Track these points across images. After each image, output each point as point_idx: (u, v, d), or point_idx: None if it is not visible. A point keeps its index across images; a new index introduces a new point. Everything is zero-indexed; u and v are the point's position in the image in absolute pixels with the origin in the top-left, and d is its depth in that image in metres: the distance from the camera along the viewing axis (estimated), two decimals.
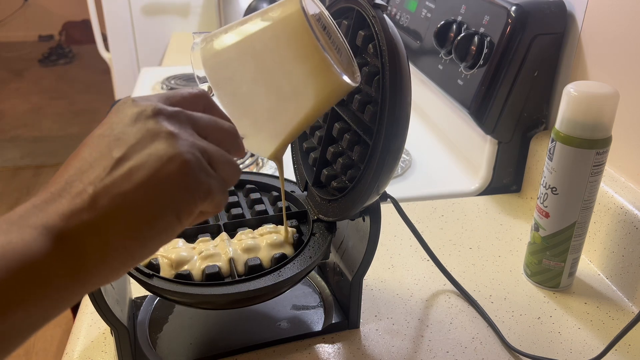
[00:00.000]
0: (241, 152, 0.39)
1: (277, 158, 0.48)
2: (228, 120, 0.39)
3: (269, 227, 0.56)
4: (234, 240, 0.54)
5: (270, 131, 0.45)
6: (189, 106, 0.37)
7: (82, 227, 0.30)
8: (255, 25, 0.42)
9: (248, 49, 0.42)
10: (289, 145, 0.64)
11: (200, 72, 0.42)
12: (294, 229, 0.56)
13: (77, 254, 0.30)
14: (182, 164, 0.32)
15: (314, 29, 0.41)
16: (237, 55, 0.42)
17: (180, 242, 0.54)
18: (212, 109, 0.39)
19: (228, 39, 0.42)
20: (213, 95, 0.41)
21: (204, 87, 0.41)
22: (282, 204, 0.56)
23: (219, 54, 0.42)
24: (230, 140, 0.37)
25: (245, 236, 0.55)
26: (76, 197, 0.30)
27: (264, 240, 0.54)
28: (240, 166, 0.94)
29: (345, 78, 0.42)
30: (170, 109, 0.34)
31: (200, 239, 0.55)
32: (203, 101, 0.38)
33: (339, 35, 0.45)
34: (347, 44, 0.46)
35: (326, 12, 0.45)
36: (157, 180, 0.31)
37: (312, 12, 0.42)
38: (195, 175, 0.33)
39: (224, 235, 0.55)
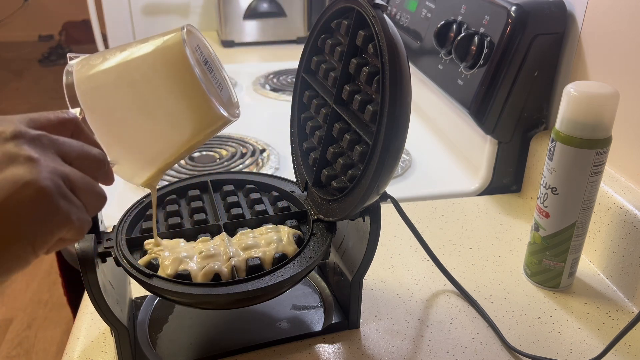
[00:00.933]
0: (109, 180, 0.38)
1: (151, 185, 0.47)
2: (97, 146, 0.38)
3: (269, 227, 0.56)
4: (234, 240, 0.54)
5: (143, 160, 0.45)
6: (54, 130, 0.35)
7: None
8: (135, 52, 0.41)
9: (125, 75, 0.41)
10: (290, 145, 0.64)
11: (72, 96, 0.41)
12: (295, 230, 0.56)
13: None
14: (38, 190, 0.30)
15: (194, 63, 0.41)
16: (113, 81, 0.41)
17: (181, 242, 0.54)
18: (80, 134, 0.37)
19: (105, 63, 0.41)
20: (83, 117, 0.40)
21: (76, 111, 0.40)
22: (154, 231, 0.54)
23: (94, 77, 0.41)
24: (97, 167, 0.36)
25: (245, 236, 0.55)
26: None
27: (264, 240, 0.54)
28: (240, 166, 0.94)
29: (224, 113, 0.42)
30: (32, 132, 0.33)
31: (200, 238, 0.54)
32: (71, 126, 0.37)
33: (220, 69, 0.45)
34: (229, 82, 0.47)
35: (209, 47, 0.45)
36: (10, 206, 0.30)
37: (193, 45, 0.42)
38: (52, 202, 0.31)
39: (223, 235, 0.55)
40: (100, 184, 0.37)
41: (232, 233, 0.56)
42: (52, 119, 0.36)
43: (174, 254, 0.52)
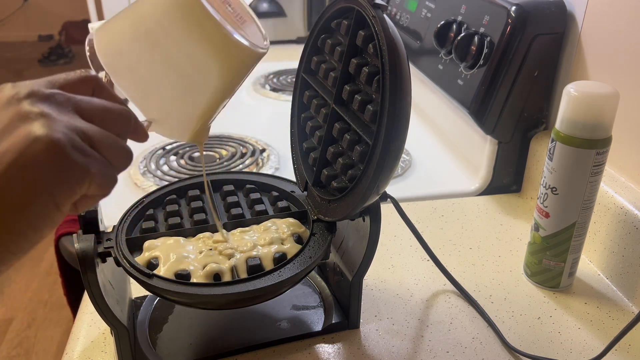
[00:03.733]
0: (140, 136, 0.37)
1: (199, 141, 0.46)
2: (122, 102, 0.37)
3: (269, 223, 0.56)
4: (234, 238, 0.54)
5: (178, 114, 0.43)
6: (75, 89, 0.35)
7: None
8: (146, 2, 0.40)
9: (140, 29, 0.39)
10: (290, 145, 0.64)
11: (97, 62, 0.40)
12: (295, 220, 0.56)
13: None
14: (49, 143, 0.30)
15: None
16: (130, 37, 0.40)
17: (181, 241, 0.54)
18: (102, 91, 0.37)
19: (120, 22, 0.40)
20: (109, 80, 0.39)
21: (102, 75, 0.39)
22: (206, 191, 0.53)
23: (113, 39, 0.40)
24: (121, 124, 0.35)
25: (245, 234, 0.55)
26: None
27: (264, 240, 0.54)
28: (240, 166, 0.94)
29: (246, 43, 0.40)
30: (47, 90, 0.33)
31: (200, 237, 0.54)
32: (92, 84, 0.36)
33: (243, 6, 0.43)
34: (254, 14, 0.44)
35: None
36: (23, 163, 0.30)
37: None
38: (65, 155, 0.31)
39: (223, 232, 0.55)
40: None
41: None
42: (71, 77, 0.35)
43: (174, 254, 0.52)
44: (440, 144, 1.02)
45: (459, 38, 0.82)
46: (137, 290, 0.62)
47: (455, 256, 0.73)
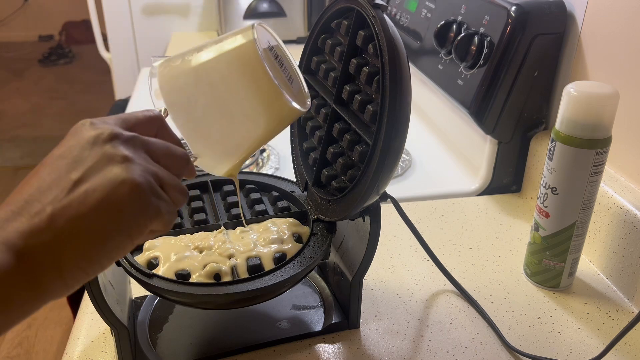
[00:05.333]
0: (192, 174, 0.42)
1: (232, 175, 0.50)
2: (179, 143, 0.41)
3: (269, 223, 0.56)
4: (234, 239, 0.54)
5: (223, 153, 0.48)
6: (143, 128, 0.39)
7: (40, 246, 0.32)
8: (211, 53, 0.44)
9: (203, 75, 0.44)
10: (290, 145, 0.64)
11: (158, 95, 0.44)
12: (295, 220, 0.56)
13: (35, 271, 0.31)
14: (134, 187, 0.34)
15: (265, 60, 0.43)
16: (192, 81, 0.44)
17: (181, 242, 0.54)
18: (164, 131, 0.41)
19: (185, 65, 0.44)
20: (167, 116, 0.44)
21: (160, 107, 0.44)
22: (242, 218, 0.57)
23: (175, 78, 0.44)
24: (181, 165, 0.39)
25: (245, 234, 0.55)
26: (35, 217, 0.32)
27: (264, 239, 0.54)
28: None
29: (295, 105, 0.45)
30: (126, 134, 0.36)
31: (200, 236, 0.54)
32: (157, 123, 0.41)
33: (291, 63, 0.48)
34: (299, 71, 0.49)
35: (280, 41, 0.47)
36: (110, 202, 0.33)
37: (264, 43, 0.44)
38: (146, 197, 0.34)
39: (223, 230, 0.55)
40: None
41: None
42: (140, 118, 0.39)
43: (174, 254, 0.52)
44: (440, 144, 1.02)
45: (459, 38, 0.82)
46: (137, 290, 0.62)
47: (455, 256, 0.73)
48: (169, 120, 0.43)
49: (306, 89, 0.49)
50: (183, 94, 0.45)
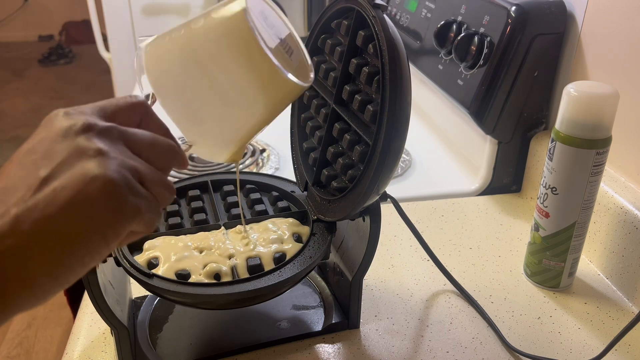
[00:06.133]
0: (183, 164, 0.38)
1: (234, 161, 0.46)
2: (167, 131, 0.38)
3: (269, 223, 0.56)
4: (234, 238, 0.54)
5: (220, 138, 0.43)
6: (125, 116, 0.35)
7: (3, 252, 0.29)
8: (198, 27, 0.39)
9: (190, 53, 0.39)
10: (290, 145, 0.64)
11: (144, 78, 0.40)
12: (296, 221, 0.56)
13: None
14: (106, 183, 0.30)
15: (257, 32, 0.38)
16: (180, 60, 0.40)
17: (180, 242, 0.54)
18: (149, 118, 0.37)
19: (172, 43, 0.40)
20: (155, 102, 0.40)
21: (148, 92, 0.40)
22: (239, 206, 0.54)
23: (161, 59, 0.40)
24: (167, 157, 0.36)
25: (246, 234, 0.55)
26: None
27: (264, 239, 0.54)
28: (240, 166, 0.94)
29: (296, 80, 0.40)
30: (102, 124, 0.33)
31: (200, 236, 0.54)
32: (140, 110, 0.37)
33: (292, 34, 0.43)
34: (301, 42, 0.44)
35: (276, 9, 0.42)
36: (80, 201, 0.30)
37: (256, 12, 0.40)
38: (121, 194, 0.31)
39: (223, 230, 0.55)
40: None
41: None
42: (121, 104, 0.36)
43: (174, 254, 0.52)
44: (440, 144, 1.02)
45: (459, 38, 0.82)
46: (137, 290, 0.62)
47: (455, 256, 0.73)
48: (158, 107, 0.39)
49: (309, 61, 0.44)
50: (170, 75, 0.40)
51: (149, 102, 0.38)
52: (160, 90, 0.40)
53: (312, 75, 0.43)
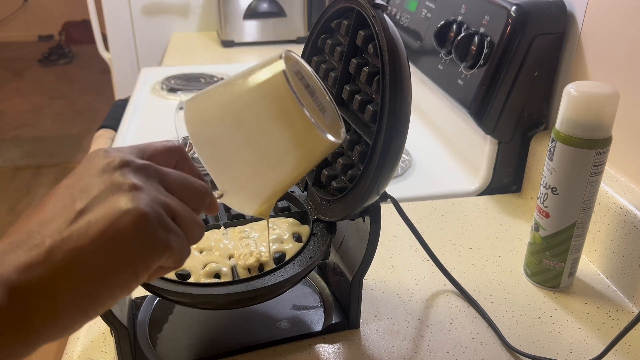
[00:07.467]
0: (213, 210, 0.39)
1: (263, 215, 0.47)
2: (200, 176, 0.39)
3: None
4: (234, 238, 0.54)
5: (251, 191, 0.44)
6: (162, 158, 0.37)
7: (35, 281, 0.29)
8: (238, 85, 0.41)
9: (229, 109, 0.41)
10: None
11: (183, 129, 0.42)
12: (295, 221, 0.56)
13: (27, 309, 0.29)
14: (138, 216, 0.31)
15: (296, 92, 0.39)
16: (219, 115, 0.41)
17: None
18: (185, 163, 0.39)
19: (211, 98, 0.42)
20: (193, 153, 0.41)
21: (185, 140, 0.41)
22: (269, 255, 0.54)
23: (201, 112, 0.42)
24: (199, 198, 0.37)
25: (246, 234, 0.55)
26: (33, 250, 0.29)
27: (263, 238, 0.54)
28: None
29: (330, 137, 0.41)
30: (139, 161, 0.34)
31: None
32: (177, 155, 0.38)
33: (323, 91, 0.44)
34: (331, 98, 0.45)
35: (309, 69, 0.44)
36: (112, 233, 0.30)
37: (293, 72, 0.41)
38: (152, 229, 0.31)
39: (223, 230, 0.55)
40: None
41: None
42: (159, 148, 0.37)
43: None
44: (440, 144, 1.02)
45: (459, 38, 0.82)
46: (137, 290, 0.62)
47: (455, 256, 0.73)
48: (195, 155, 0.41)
49: (340, 119, 0.45)
50: (208, 128, 0.41)
51: (187, 148, 0.40)
52: (198, 141, 0.41)
53: (343, 131, 0.44)
